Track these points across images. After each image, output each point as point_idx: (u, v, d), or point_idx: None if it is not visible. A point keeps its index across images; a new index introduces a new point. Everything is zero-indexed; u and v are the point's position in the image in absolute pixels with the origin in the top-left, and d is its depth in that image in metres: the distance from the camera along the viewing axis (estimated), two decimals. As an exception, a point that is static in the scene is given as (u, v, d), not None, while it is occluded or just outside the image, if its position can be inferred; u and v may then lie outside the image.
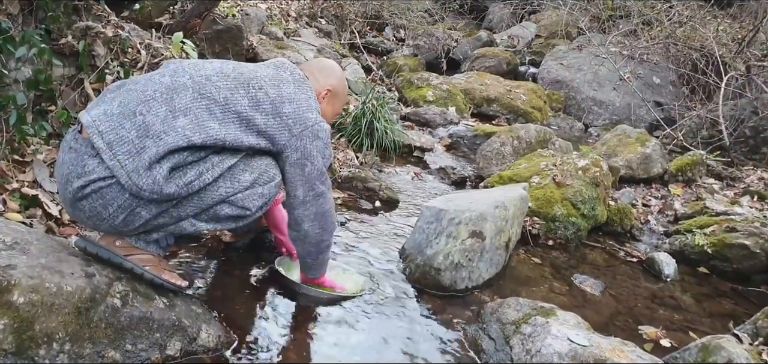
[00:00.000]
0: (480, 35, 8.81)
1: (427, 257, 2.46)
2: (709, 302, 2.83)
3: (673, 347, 2.28)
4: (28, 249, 1.72)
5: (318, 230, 2.03)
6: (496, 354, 2.03)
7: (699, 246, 3.19)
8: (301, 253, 2.13)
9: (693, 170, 4.28)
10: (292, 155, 1.90)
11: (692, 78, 6.27)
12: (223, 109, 1.77)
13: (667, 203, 3.93)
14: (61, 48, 2.85)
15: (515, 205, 2.78)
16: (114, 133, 1.64)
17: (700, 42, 6.31)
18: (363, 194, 3.55)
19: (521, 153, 4.16)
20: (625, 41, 7.22)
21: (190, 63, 1.89)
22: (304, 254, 2.13)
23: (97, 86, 2.95)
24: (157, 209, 1.71)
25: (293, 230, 2.06)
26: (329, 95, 2.16)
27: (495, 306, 2.25)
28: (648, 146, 4.38)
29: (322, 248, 2.10)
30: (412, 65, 7.20)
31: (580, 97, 6.75)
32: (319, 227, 2.03)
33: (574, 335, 1.90)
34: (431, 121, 5.34)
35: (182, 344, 1.77)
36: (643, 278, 3.00)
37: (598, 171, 3.47)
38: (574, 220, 3.25)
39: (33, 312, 1.55)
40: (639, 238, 3.54)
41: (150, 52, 3.33)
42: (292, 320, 2.12)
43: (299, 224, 2.01)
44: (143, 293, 1.79)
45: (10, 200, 2.28)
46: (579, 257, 3.15)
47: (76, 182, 1.66)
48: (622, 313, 2.58)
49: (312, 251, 2.10)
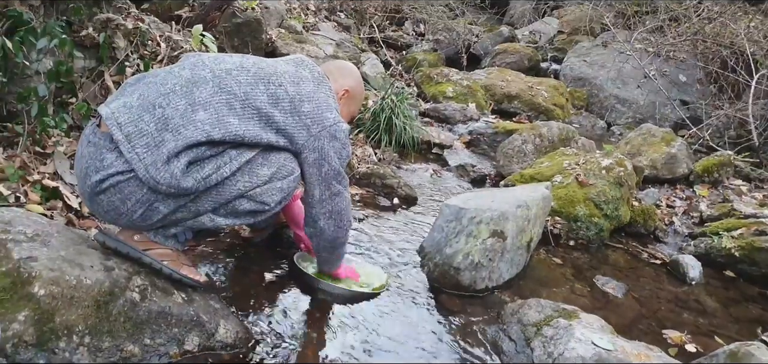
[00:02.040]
0: (501, 31, 8.70)
1: (446, 256, 2.42)
2: (736, 306, 2.75)
3: (699, 352, 2.22)
4: (48, 241, 1.72)
5: (333, 227, 2.01)
6: (517, 356, 1.99)
7: (726, 249, 3.10)
8: (317, 248, 2.13)
9: (720, 171, 4.17)
10: (310, 156, 1.88)
11: (721, 76, 6.10)
12: (243, 105, 1.75)
13: (693, 205, 3.84)
14: (82, 40, 2.86)
15: (538, 204, 2.73)
16: (133, 125, 1.63)
17: (730, 39, 6.14)
18: (381, 190, 3.52)
19: (543, 151, 4.09)
20: (651, 38, 7.06)
21: (211, 56, 1.88)
22: (320, 249, 2.13)
23: (117, 78, 2.96)
24: (175, 204, 1.70)
25: (309, 227, 2.05)
26: (347, 96, 2.15)
27: (516, 307, 2.21)
28: (674, 146, 4.28)
29: (337, 244, 2.10)
30: (432, 60, 7.14)
31: (603, 94, 6.63)
32: (335, 225, 2.01)
33: (598, 339, 1.86)
34: (451, 117, 5.28)
35: (200, 340, 1.76)
36: (667, 281, 2.93)
37: (622, 171, 3.39)
38: (596, 220, 3.18)
39: (53, 304, 1.55)
40: (663, 239, 3.46)
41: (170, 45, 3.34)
42: (311, 317, 2.10)
43: (315, 221, 2.00)
44: (162, 287, 1.79)
45: (32, 191, 2.29)
46: (601, 258, 3.09)
47: (94, 176, 1.65)
48: (645, 316, 2.52)
49: (327, 247, 2.10)
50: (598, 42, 7.54)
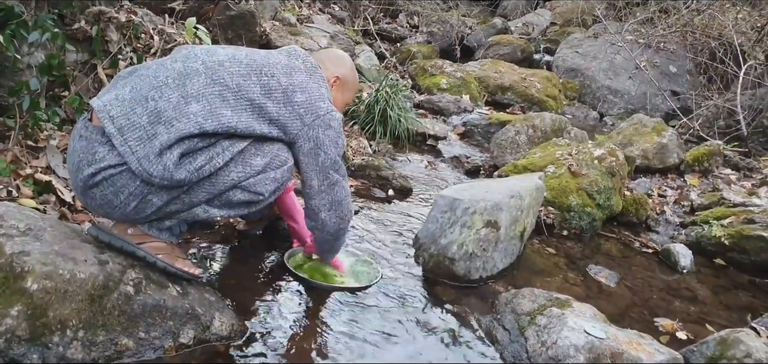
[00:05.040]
0: (494, 22, 8.71)
1: (441, 246, 2.43)
2: (726, 294, 2.78)
3: (690, 339, 2.24)
4: (41, 236, 1.72)
5: (335, 218, 2.01)
6: (511, 345, 2.01)
7: (716, 237, 3.13)
8: (319, 240, 2.13)
9: (710, 161, 4.21)
10: (305, 145, 1.88)
11: (710, 67, 6.15)
12: (235, 96, 1.75)
13: (683, 194, 3.87)
14: (74, 33, 2.84)
15: (531, 194, 2.74)
16: (125, 118, 1.63)
17: (718, 30, 6.19)
18: (376, 182, 3.52)
19: (536, 142, 4.11)
20: (642, 29, 7.09)
21: (203, 49, 1.87)
22: (322, 241, 2.13)
23: (110, 72, 2.95)
24: (169, 196, 1.70)
25: (311, 220, 2.05)
26: (338, 83, 2.14)
27: (509, 297, 2.23)
28: (664, 136, 4.31)
29: (340, 235, 2.10)
30: (426, 52, 7.14)
31: (595, 85, 6.66)
32: (336, 216, 2.01)
33: (591, 327, 1.88)
34: (445, 109, 5.29)
35: (195, 332, 1.76)
36: (659, 270, 2.96)
37: (614, 161, 3.41)
38: (589, 210, 3.20)
39: (46, 299, 1.55)
40: (654, 229, 3.49)
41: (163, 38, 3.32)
42: (305, 310, 2.11)
43: (316, 214, 2.00)
44: (156, 280, 1.79)
45: (24, 185, 2.28)
46: (594, 247, 3.12)
47: (86, 169, 1.65)
48: (637, 304, 2.54)
49: (329, 239, 2.10)
50: (590, 33, 7.56)
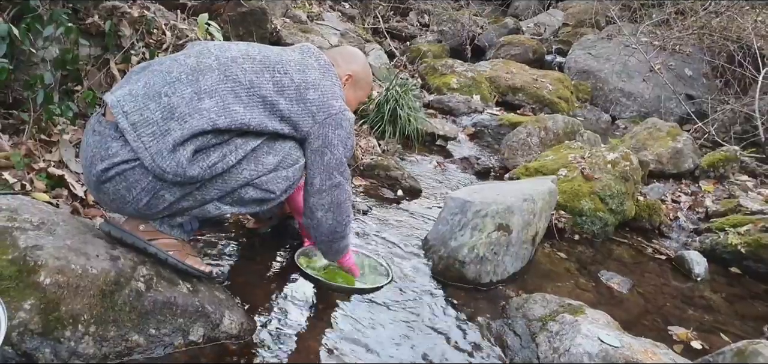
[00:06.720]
0: (506, 22, 8.67)
1: (451, 249, 2.42)
2: (742, 303, 2.74)
3: (704, 349, 2.21)
4: (54, 230, 1.72)
5: (331, 220, 1.98)
6: (522, 351, 1.98)
7: (732, 245, 3.09)
8: (315, 239, 2.11)
9: (725, 166, 4.16)
10: (314, 142, 1.87)
11: (727, 70, 6.07)
12: (248, 93, 1.74)
13: (698, 200, 3.82)
14: (88, 27, 2.85)
15: (544, 198, 2.71)
16: (139, 114, 1.62)
17: (737, 33, 6.11)
18: (385, 182, 3.51)
19: (548, 144, 4.08)
20: (657, 31, 7.02)
21: (216, 44, 1.86)
22: (318, 241, 2.10)
23: (122, 67, 2.95)
24: (181, 192, 1.69)
25: (307, 217, 2.02)
26: (351, 81, 2.12)
27: (521, 301, 2.21)
28: (679, 140, 4.26)
29: (336, 237, 2.05)
30: (436, 52, 7.11)
31: (607, 88, 6.60)
32: (333, 218, 1.98)
33: (605, 336, 1.85)
34: (455, 109, 5.27)
35: (205, 330, 1.76)
36: (672, 277, 2.92)
37: (627, 165, 3.38)
38: (601, 215, 3.17)
39: (59, 294, 1.55)
40: (668, 235, 3.45)
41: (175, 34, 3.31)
42: (315, 309, 2.09)
43: (313, 213, 1.97)
44: (167, 277, 1.78)
45: (37, 179, 2.29)
46: (606, 252, 3.08)
47: (99, 164, 1.64)
48: (650, 312, 2.51)
49: (325, 240, 2.06)
50: (604, 35, 7.50)
